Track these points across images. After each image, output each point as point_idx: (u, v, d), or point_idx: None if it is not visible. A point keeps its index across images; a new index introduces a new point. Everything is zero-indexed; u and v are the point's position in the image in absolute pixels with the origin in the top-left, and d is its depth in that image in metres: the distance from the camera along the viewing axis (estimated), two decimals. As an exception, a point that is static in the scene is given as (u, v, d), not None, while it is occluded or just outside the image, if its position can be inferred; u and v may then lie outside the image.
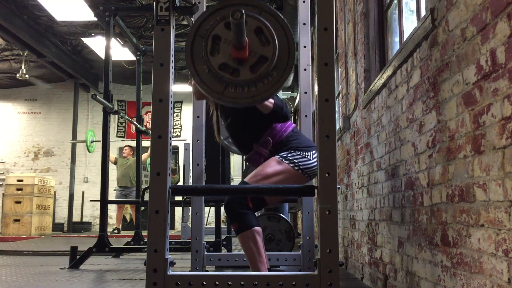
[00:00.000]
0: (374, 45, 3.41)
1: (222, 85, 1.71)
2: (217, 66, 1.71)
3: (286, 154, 2.40)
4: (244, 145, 2.59)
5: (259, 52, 1.72)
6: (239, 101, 1.72)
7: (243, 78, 1.70)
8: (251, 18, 1.73)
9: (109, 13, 4.70)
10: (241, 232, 2.27)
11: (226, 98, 1.71)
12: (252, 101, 1.73)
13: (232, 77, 1.70)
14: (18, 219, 9.75)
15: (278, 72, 1.71)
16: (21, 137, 12.53)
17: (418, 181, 2.15)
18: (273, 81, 1.71)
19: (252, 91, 1.71)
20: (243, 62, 1.71)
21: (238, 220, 2.27)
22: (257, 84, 1.71)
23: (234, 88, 1.71)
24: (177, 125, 12.58)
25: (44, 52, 9.42)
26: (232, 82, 1.70)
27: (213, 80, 1.71)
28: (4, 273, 3.78)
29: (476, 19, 1.54)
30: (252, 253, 2.27)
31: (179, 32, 8.77)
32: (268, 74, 1.71)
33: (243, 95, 1.71)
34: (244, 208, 2.28)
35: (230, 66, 1.71)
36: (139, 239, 5.65)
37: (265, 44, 1.73)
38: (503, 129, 1.36)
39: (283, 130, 2.49)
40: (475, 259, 1.55)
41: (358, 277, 3.55)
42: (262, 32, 1.73)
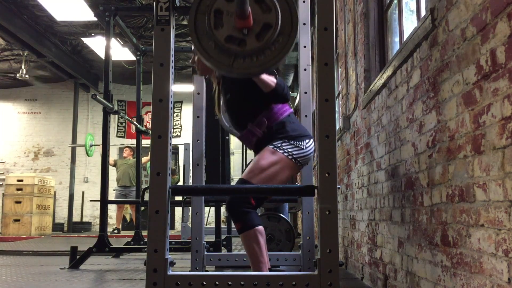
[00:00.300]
0: (374, 45, 3.41)
1: (230, 57, 1.71)
2: (223, 39, 1.70)
3: (279, 143, 2.39)
4: (239, 122, 2.58)
5: (263, 20, 1.72)
6: (251, 71, 1.73)
7: (250, 47, 1.70)
8: None
9: (109, 13, 4.70)
10: (244, 231, 2.26)
11: (236, 70, 1.71)
12: (263, 68, 1.74)
13: (239, 48, 1.70)
14: (18, 219, 9.76)
15: (283, 38, 1.72)
16: (21, 137, 12.53)
17: (418, 181, 2.15)
18: (280, 47, 1.71)
19: (261, 59, 1.71)
20: (248, 31, 1.71)
21: (241, 219, 2.27)
22: (265, 51, 1.71)
23: (243, 59, 1.71)
24: (177, 125, 12.58)
25: (44, 52, 9.42)
26: (240, 53, 1.70)
27: (221, 53, 1.71)
28: (4, 273, 3.78)
29: (476, 19, 1.54)
30: (254, 253, 2.27)
31: (179, 32, 8.77)
32: (275, 40, 1.71)
33: (253, 64, 1.71)
34: (246, 206, 2.28)
35: (236, 37, 1.71)
36: (139, 239, 5.65)
37: (267, 11, 1.73)
38: (503, 129, 1.36)
39: (280, 114, 2.48)
40: (475, 259, 1.55)
41: (358, 277, 3.55)
42: (263, 1, 1.73)
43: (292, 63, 8.08)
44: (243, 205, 2.28)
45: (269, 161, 2.35)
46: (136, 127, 5.93)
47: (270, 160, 2.35)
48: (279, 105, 2.50)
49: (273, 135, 2.44)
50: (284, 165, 2.36)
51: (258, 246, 2.26)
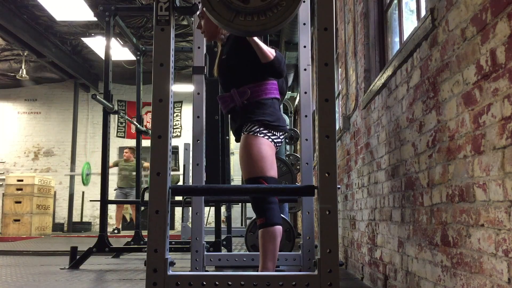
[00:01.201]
0: (374, 45, 3.41)
1: (232, 12, 1.70)
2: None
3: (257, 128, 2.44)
4: (226, 83, 2.60)
5: None
6: (250, 29, 1.72)
7: (253, 5, 1.70)
8: None
9: (109, 13, 4.70)
10: (265, 227, 2.34)
11: (235, 26, 1.72)
12: (262, 29, 1.73)
13: (242, 4, 1.70)
14: (18, 219, 9.75)
15: (287, 1, 1.71)
16: (21, 137, 12.53)
17: (418, 181, 2.15)
18: (282, 10, 1.71)
19: (262, 19, 1.71)
20: None
21: (265, 214, 2.35)
22: (267, 12, 1.71)
23: (244, 17, 1.71)
24: (177, 125, 12.58)
25: (44, 52, 9.42)
26: (242, 10, 1.70)
27: (224, 7, 1.71)
28: (4, 273, 3.78)
29: (476, 19, 1.54)
30: (267, 250, 2.33)
31: (179, 32, 8.77)
32: (278, 3, 1.71)
33: (253, 23, 1.71)
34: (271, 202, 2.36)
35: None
36: (139, 239, 5.65)
37: None
38: (503, 129, 1.36)
39: (265, 93, 2.50)
40: (475, 259, 1.55)
41: (358, 277, 3.55)
42: None
43: (292, 63, 8.07)
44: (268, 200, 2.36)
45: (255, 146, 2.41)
46: (136, 127, 5.93)
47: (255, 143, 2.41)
48: (268, 84, 2.51)
49: (250, 111, 2.47)
50: (267, 145, 2.44)
51: (273, 245, 2.33)
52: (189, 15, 5.02)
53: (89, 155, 12.48)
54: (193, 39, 3.03)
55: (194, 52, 3.02)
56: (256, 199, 2.37)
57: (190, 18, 7.57)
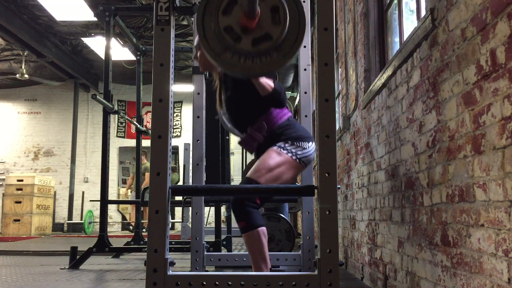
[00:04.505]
0: (374, 45, 3.41)
1: (222, 47, 1.69)
2: (223, 27, 1.69)
3: (283, 144, 2.39)
4: (238, 123, 2.58)
5: (267, 29, 1.70)
6: (233, 69, 1.70)
7: (242, 47, 1.68)
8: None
9: (109, 13, 4.70)
10: (247, 231, 2.27)
11: (221, 61, 1.69)
12: (245, 73, 1.72)
13: (233, 43, 1.68)
14: (18, 219, 9.76)
15: (278, 55, 1.69)
16: (21, 137, 12.53)
17: (418, 181, 2.15)
18: (271, 62, 1.69)
19: (247, 63, 1.68)
20: (248, 32, 1.69)
21: (245, 218, 2.27)
22: (255, 58, 1.68)
23: (232, 55, 1.68)
24: (177, 125, 12.58)
25: (44, 52, 9.42)
26: (231, 48, 1.68)
27: (216, 39, 1.69)
28: (4, 273, 3.78)
29: (476, 19, 1.54)
30: (255, 253, 2.27)
31: (179, 32, 8.77)
32: (268, 53, 1.68)
33: (238, 64, 1.69)
34: (251, 205, 2.28)
35: (235, 31, 1.69)
36: (139, 239, 5.65)
37: (277, 23, 1.70)
38: (503, 129, 1.36)
39: (279, 117, 2.48)
40: (475, 259, 1.55)
41: (358, 277, 3.55)
42: (278, 12, 1.71)
43: (292, 63, 8.07)
44: (248, 204, 2.28)
45: (275, 162, 2.35)
46: (136, 127, 5.93)
47: (276, 160, 2.35)
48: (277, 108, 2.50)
49: (274, 138, 2.43)
50: (289, 166, 2.37)
51: (260, 247, 2.26)
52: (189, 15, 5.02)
53: (89, 155, 12.49)
54: (193, 39, 3.03)
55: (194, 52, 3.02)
56: (235, 203, 2.30)
57: (190, 18, 7.57)
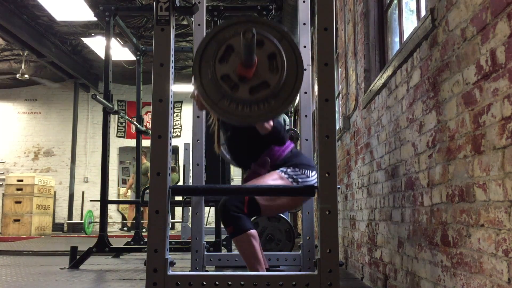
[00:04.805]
0: (374, 45, 3.41)
1: (219, 95, 1.68)
2: (220, 76, 1.69)
3: (286, 169, 2.38)
4: (241, 161, 2.58)
5: (264, 77, 1.69)
6: (230, 117, 1.70)
7: (240, 96, 1.68)
8: (270, 42, 1.71)
9: (109, 13, 4.70)
10: (236, 235, 2.23)
11: (218, 110, 1.69)
12: (243, 121, 1.71)
13: (230, 91, 1.68)
14: (18, 219, 9.75)
15: (276, 102, 1.69)
16: (21, 137, 12.53)
17: (418, 181, 2.15)
18: (269, 109, 1.68)
19: (245, 111, 1.68)
20: (246, 80, 1.68)
21: (232, 223, 2.23)
22: (252, 106, 1.68)
23: (229, 103, 1.68)
24: (177, 125, 12.58)
25: (44, 52, 9.42)
26: (228, 96, 1.68)
27: (212, 87, 1.69)
28: (4, 273, 3.78)
29: (476, 19, 1.54)
30: (248, 256, 2.24)
31: (179, 32, 8.77)
32: (266, 100, 1.68)
33: (236, 112, 1.68)
34: (238, 211, 2.24)
35: (232, 80, 1.69)
36: (139, 239, 5.65)
37: (274, 71, 1.70)
38: (503, 129, 1.36)
39: (282, 151, 2.47)
40: (475, 259, 1.55)
41: (358, 277, 3.55)
42: (275, 59, 1.71)
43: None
44: (236, 209, 2.24)
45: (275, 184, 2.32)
46: (136, 127, 5.93)
47: (276, 183, 2.33)
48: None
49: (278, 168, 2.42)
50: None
51: (252, 249, 2.23)
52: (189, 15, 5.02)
53: (89, 155, 12.49)
54: (193, 39, 3.03)
55: (194, 52, 3.02)
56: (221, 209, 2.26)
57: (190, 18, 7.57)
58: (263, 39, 1.71)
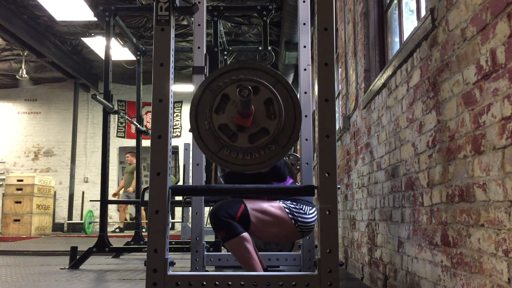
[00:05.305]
0: (374, 45, 3.41)
1: (218, 145, 1.69)
2: (218, 126, 1.69)
3: (285, 201, 2.38)
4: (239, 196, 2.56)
5: (263, 124, 1.69)
6: (230, 166, 1.70)
7: (239, 145, 1.68)
8: (265, 88, 1.71)
9: (109, 13, 4.70)
10: (229, 239, 2.22)
11: (218, 160, 1.69)
12: (243, 169, 1.70)
13: (229, 141, 1.68)
14: (18, 219, 9.75)
15: (276, 147, 1.69)
16: (21, 137, 12.53)
17: (418, 181, 2.15)
18: (270, 155, 1.69)
19: (246, 159, 1.68)
20: (244, 129, 1.68)
21: (223, 227, 2.22)
22: (253, 154, 1.68)
23: (229, 152, 1.68)
24: (177, 125, 12.58)
25: (44, 52, 9.42)
26: (228, 146, 1.68)
27: (211, 138, 1.69)
28: (4, 273, 3.78)
29: (476, 19, 1.54)
30: (243, 259, 2.23)
31: (179, 32, 8.77)
32: (266, 147, 1.68)
33: (236, 161, 1.68)
34: (229, 217, 2.23)
35: (230, 129, 1.69)
36: (139, 239, 5.65)
37: (272, 117, 1.70)
38: (503, 129, 1.36)
39: None
40: (475, 259, 1.55)
41: (358, 277, 3.55)
42: (272, 104, 1.71)
43: (292, 63, 8.07)
44: (226, 215, 2.23)
45: (273, 212, 2.32)
46: (136, 127, 5.93)
47: (275, 212, 2.33)
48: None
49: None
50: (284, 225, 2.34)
51: (246, 252, 2.21)
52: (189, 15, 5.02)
53: (89, 155, 12.48)
54: (193, 39, 3.03)
55: (194, 52, 3.02)
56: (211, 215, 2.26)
57: (190, 18, 7.56)
58: (258, 85, 1.71)
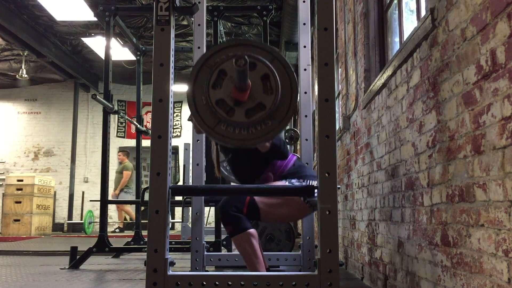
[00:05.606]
0: (374, 45, 3.41)
1: (215, 120, 1.69)
2: (215, 101, 1.69)
3: (291, 179, 2.40)
4: (246, 180, 2.59)
5: (260, 99, 1.70)
6: (228, 141, 1.70)
7: (236, 119, 1.68)
8: (262, 64, 1.71)
9: (109, 13, 4.70)
10: (235, 235, 2.24)
11: (215, 135, 1.70)
12: (240, 144, 1.71)
13: (226, 116, 1.68)
14: (18, 219, 9.76)
15: (273, 123, 1.69)
16: (21, 137, 12.53)
17: (418, 181, 2.15)
18: (266, 130, 1.69)
19: (243, 134, 1.69)
20: (241, 103, 1.69)
21: (231, 222, 2.25)
22: (250, 128, 1.69)
23: (226, 127, 1.69)
24: (177, 125, 12.58)
25: (44, 52, 9.42)
26: (225, 120, 1.68)
27: (208, 113, 1.70)
28: (4, 273, 3.78)
29: (476, 19, 1.54)
30: (248, 256, 2.25)
31: (179, 32, 8.77)
32: (262, 122, 1.69)
33: (233, 136, 1.69)
34: (237, 211, 2.26)
35: (227, 104, 1.69)
36: (139, 239, 5.65)
37: (268, 92, 1.70)
38: (503, 129, 1.36)
39: (284, 165, 2.49)
40: (475, 259, 1.55)
41: (358, 277, 3.55)
42: (268, 80, 1.71)
43: (292, 63, 8.06)
44: (234, 209, 2.26)
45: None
46: (136, 127, 5.92)
47: None
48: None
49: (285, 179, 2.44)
50: (293, 204, 2.36)
51: (251, 248, 2.23)
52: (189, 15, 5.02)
53: (89, 155, 12.48)
54: (193, 39, 3.03)
55: (194, 52, 3.02)
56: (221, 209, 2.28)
57: (190, 18, 7.57)
58: (254, 61, 1.71)
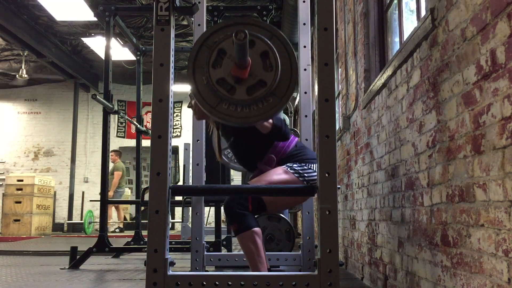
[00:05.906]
0: (374, 45, 3.41)
1: (216, 99, 1.70)
2: (215, 80, 1.70)
3: (292, 164, 2.41)
4: (248, 163, 2.60)
5: (260, 76, 1.71)
6: (230, 119, 1.71)
7: (237, 97, 1.69)
8: (260, 41, 1.72)
9: (109, 13, 4.69)
10: (240, 233, 2.26)
11: (217, 113, 1.70)
12: (243, 122, 1.72)
13: (227, 94, 1.69)
14: (18, 219, 9.75)
15: (274, 99, 1.70)
16: (21, 137, 12.53)
17: (418, 181, 2.15)
18: (268, 107, 1.70)
19: (245, 112, 1.69)
20: (241, 81, 1.69)
21: (237, 220, 2.27)
22: (251, 106, 1.70)
23: (228, 105, 1.70)
24: (177, 125, 12.58)
25: (44, 52, 9.42)
26: (226, 99, 1.69)
27: (209, 92, 1.70)
28: (4, 273, 3.78)
29: (476, 19, 1.54)
30: (251, 254, 2.26)
31: (179, 32, 8.78)
32: (264, 99, 1.70)
33: (235, 114, 1.70)
34: (243, 209, 2.28)
35: (228, 83, 1.70)
36: (139, 239, 5.65)
37: (268, 69, 1.71)
38: (503, 129, 1.36)
39: (286, 146, 2.50)
40: (475, 259, 1.55)
41: (358, 277, 3.55)
42: (268, 57, 1.72)
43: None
44: (240, 206, 2.28)
45: (280, 178, 2.35)
46: (136, 127, 5.92)
47: (281, 177, 2.36)
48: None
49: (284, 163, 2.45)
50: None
51: (255, 247, 2.25)
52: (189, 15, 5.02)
53: (89, 155, 12.48)
54: (193, 39, 3.03)
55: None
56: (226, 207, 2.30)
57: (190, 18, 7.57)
58: (253, 39, 1.72)
